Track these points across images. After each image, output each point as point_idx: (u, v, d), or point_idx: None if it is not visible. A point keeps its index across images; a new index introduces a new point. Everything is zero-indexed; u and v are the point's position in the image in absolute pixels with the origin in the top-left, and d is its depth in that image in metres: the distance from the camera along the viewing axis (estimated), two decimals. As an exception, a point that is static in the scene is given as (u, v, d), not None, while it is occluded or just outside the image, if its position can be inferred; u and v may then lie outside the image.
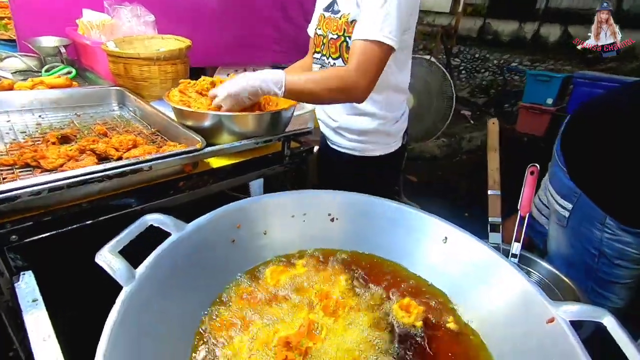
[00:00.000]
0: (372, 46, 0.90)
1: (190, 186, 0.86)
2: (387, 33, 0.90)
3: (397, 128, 1.18)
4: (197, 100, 0.98)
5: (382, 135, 1.16)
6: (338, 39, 1.05)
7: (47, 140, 0.91)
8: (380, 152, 1.18)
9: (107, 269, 0.62)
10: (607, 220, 1.03)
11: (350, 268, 0.91)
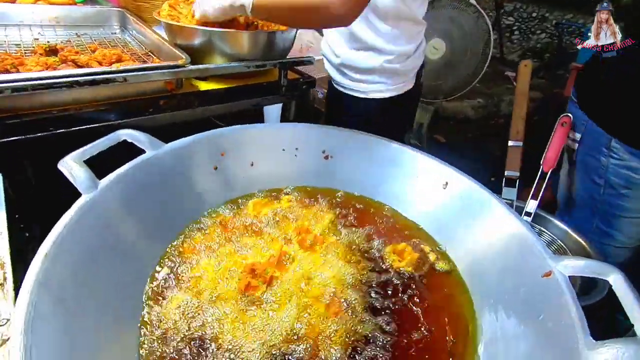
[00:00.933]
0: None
1: (172, 106, 0.81)
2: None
3: (407, 66, 1.03)
4: (187, 17, 0.90)
5: (389, 75, 1.01)
6: None
7: (35, 52, 0.88)
8: (388, 94, 1.04)
9: (68, 175, 0.59)
10: (613, 144, 0.97)
11: (339, 207, 0.85)
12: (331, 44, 1.04)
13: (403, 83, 1.05)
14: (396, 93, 1.05)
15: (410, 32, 1.00)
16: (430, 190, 0.84)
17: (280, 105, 1.12)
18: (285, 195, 0.87)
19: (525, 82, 1.14)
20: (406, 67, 1.03)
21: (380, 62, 0.99)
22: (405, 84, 1.06)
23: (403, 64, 1.01)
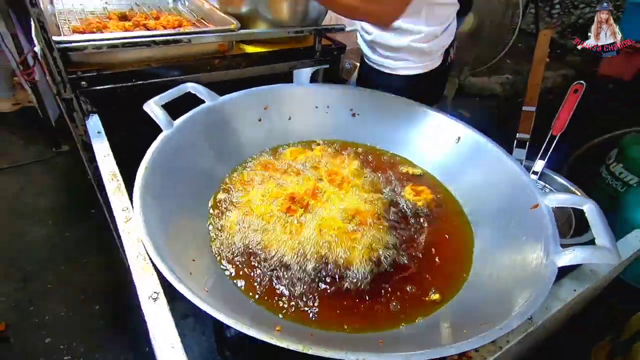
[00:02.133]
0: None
1: (225, 65, 0.95)
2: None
3: (434, 45, 1.05)
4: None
5: (415, 54, 1.05)
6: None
7: (109, 17, 1.04)
8: (414, 72, 1.08)
9: (152, 115, 0.76)
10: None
11: (364, 158, 0.99)
12: (362, 22, 1.11)
13: (431, 61, 1.09)
14: (422, 71, 1.09)
15: (439, 14, 1.02)
16: (444, 143, 0.96)
17: (309, 69, 1.23)
18: (318, 145, 1.02)
19: (543, 50, 1.20)
20: (433, 47, 1.05)
21: (407, 42, 1.03)
22: (433, 62, 1.09)
23: (429, 44, 1.04)
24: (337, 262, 0.67)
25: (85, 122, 0.80)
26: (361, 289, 0.64)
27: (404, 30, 1.02)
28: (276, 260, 0.68)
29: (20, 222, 1.64)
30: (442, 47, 1.09)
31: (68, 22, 1.02)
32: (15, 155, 2.03)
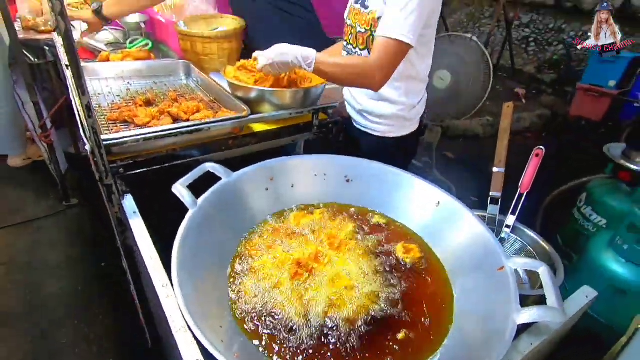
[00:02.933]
0: (391, 43, 1.01)
1: (237, 144, 1.12)
2: (405, 32, 1.00)
3: (414, 113, 1.30)
4: (246, 76, 1.22)
5: (400, 120, 1.28)
6: (366, 33, 1.16)
7: (136, 102, 1.21)
8: (398, 134, 1.31)
9: (179, 196, 0.91)
10: None
11: (358, 219, 1.14)
12: (353, 93, 1.33)
13: (410, 126, 1.33)
14: (404, 133, 1.32)
15: (416, 89, 1.27)
16: (426, 207, 1.11)
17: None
18: (317, 209, 1.16)
19: (507, 121, 1.40)
20: (412, 114, 1.30)
21: (393, 111, 1.26)
22: (412, 126, 1.33)
23: (409, 113, 1.29)
24: (339, 320, 0.80)
25: (121, 202, 0.94)
26: (358, 344, 0.76)
27: (390, 102, 1.25)
28: (287, 320, 0.80)
29: (35, 277, 1.73)
30: (419, 114, 1.33)
31: (101, 109, 1.19)
32: (27, 210, 2.15)
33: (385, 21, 1.04)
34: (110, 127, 1.08)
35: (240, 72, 1.22)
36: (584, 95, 3.62)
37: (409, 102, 1.26)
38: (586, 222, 1.90)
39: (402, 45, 1.02)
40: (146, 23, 1.85)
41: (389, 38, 1.02)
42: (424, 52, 1.20)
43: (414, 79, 1.24)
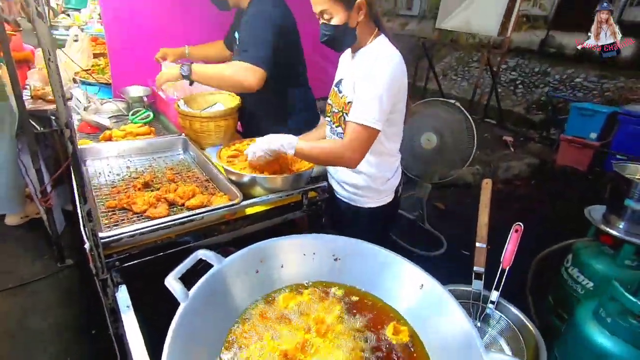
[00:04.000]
0: (359, 128, 1.11)
1: (230, 229, 1.18)
2: (371, 118, 1.10)
3: (388, 185, 1.37)
4: (240, 159, 1.30)
5: (373, 191, 1.35)
6: (339, 113, 1.29)
7: (135, 186, 1.28)
8: (372, 205, 1.38)
9: (171, 290, 0.94)
10: None
11: (345, 300, 1.17)
12: (335, 167, 1.43)
13: (385, 197, 1.40)
14: (380, 204, 1.39)
15: (388, 163, 1.36)
16: (410, 288, 1.15)
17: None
18: (306, 289, 1.20)
19: (487, 196, 1.47)
20: (386, 187, 1.37)
21: (367, 183, 1.34)
22: (387, 197, 1.40)
23: (383, 185, 1.36)
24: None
25: (115, 293, 0.98)
26: None
27: (364, 174, 1.33)
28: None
29: (23, 345, 1.71)
30: (393, 186, 1.40)
31: (101, 192, 1.26)
32: (22, 271, 2.15)
33: (355, 106, 1.14)
34: (109, 214, 1.14)
35: (235, 157, 1.30)
36: (568, 145, 3.77)
37: (381, 174, 1.34)
38: (574, 284, 1.93)
39: (369, 129, 1.11)
40: (148, 96, 1.97)
41: (357, 123, 1.11)
42: (393, 132, 1.29)
43: (385, 154, 1.32)
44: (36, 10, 0.65)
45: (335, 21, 1.13)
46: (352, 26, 1.14)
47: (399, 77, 1.14)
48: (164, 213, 1.12)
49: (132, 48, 2.03)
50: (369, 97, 1.10)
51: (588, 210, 1.93)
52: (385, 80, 1.10)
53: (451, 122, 2.35)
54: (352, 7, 1.11)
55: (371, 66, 1.13)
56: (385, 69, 1.11)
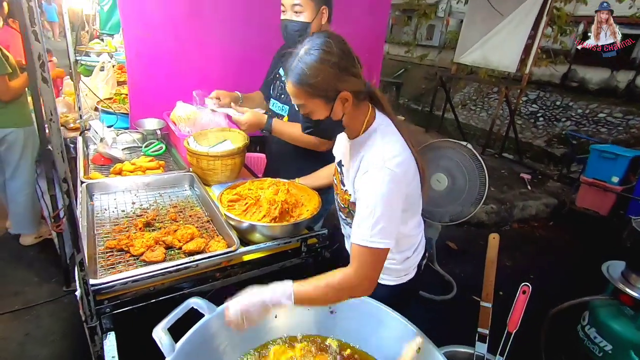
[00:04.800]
0: (366, 251, 0.93)
1: (224, 276, 1.16)
2: (377, 238, 0.92)
3: (408, 263, 1.22)
4: (241, 203, 1.30)
5: (392, 271, 1.21)
6: (345, 209, 1.16)
7: (136, 225, 1.29)
8: (393, 283, 1.23)
9: (158, 342, 0.93)
10: None
11: (338, 356, 1.12)
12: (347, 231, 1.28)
13: (406, 275, 1.24)
14: (399, 282, 1.23)
15: (406, 243, 1.20)
16: (407, 351, 1.09)
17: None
18: (299, 343, 1.16)
19: (494, 252, 1.41)
20: (406, 265, 1.22)
21: (385, 264, 1.12)
22: (407, 275, 1.24)
23: (402, 264, 1.21)
24: None
25: (103, 341, 0.97)
26: None
27: None
28: None
29: (20, 374, 1.72)
30: (414, 263, 1.24)
31: (103, 227, 1.28)
32: (28, 293, 2.19)
33: (356, 225, 0.96)
34: (107, 255, 1.15)
35: (235, 201, 1.30)
36: (588, 188, 3.64)
37: (401, 256, 1.20)
38: (591, 344, 1.80)
39: (377, 250, 0.94)
40: (162, 128, 2.03)
41: (363, 247, 0.94)
42: (411, 214, 1.13)
43: (403, 236, 1.16)
44: (42, 76, 0.68)
45: (317, 116, 0.97)
46: (337, 119, 0.98)
47: (400, 183, 0.96)
48: (160, 257, 1.12)
49: (151, 82, 2.12)
50: (370, 214, 0.93)
51: (606, 266, 1.82)
52: (385, 195, 0.93)
53: (463, 164, 2.31)
54: (334, 100, 0.94)
55: (367, 179, 0.96)
56: (382, 182, 0.93)
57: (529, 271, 3.01)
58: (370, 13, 2.68)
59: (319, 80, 0.90)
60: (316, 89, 0.92)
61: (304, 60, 0.91)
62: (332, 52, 0.91)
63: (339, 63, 0.91)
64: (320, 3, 1.43)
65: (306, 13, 1.42)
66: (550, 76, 11.64)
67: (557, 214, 4.04)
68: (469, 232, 3.57)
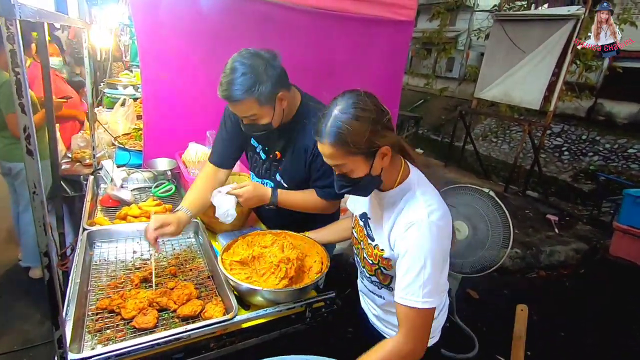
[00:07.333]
0: (414, 314, 0.91)
1: (220, 345, 1.06)
2: (429, 298, 0.90)
3: (434, 325, 1.09)
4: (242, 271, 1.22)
5: None
6: (374, 266, 1.09)
7: (132, 280, 1.22)
8: None
9: None
10: None
11: None
12: (367, 295, 1.23)
13: (432, 338, 1.15)
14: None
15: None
16: None
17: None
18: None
19: (522, 326, 1.27)
20: (433, 326, 1.08)
21: None
22: (433, 338, 1.16)
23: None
24: None
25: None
26: None
27: None
28: None
29: None
30: (439, 325, 1.17)
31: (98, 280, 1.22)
32: (29, 331, 2.14)
33: (402, 285, 0.94)
34: (97, 317, 1.08)
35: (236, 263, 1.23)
36: (623, 235, 3.38)
37: None
38: None
39: (426, 311, 0.92)
40: (173, 169, 2.01)
41: (411, 308, 0.91)
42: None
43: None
44: (26, 148, 0.64)
45: (356, 174, 0.95)
46: (376, 174, 0.96)
47: (446, 236, 0.96)
48: (151, 323, 1.04)
49: (165, 122, 2.13)
50: (419, 273, 0.91)
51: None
52: (434, 250, 0.92)
53: (484, 212, 2.17)
54: (374, 155, 0.93)
55: (412, 235, 0.93)
56: (430, 237, 0.92)
57: (559, 328, 2.75)
58: (389, 48, 2.66)
59: (360, 137, 0.89)
60: (357, 147, 0.90)
61: (341, 119, 0.89)
62: (368, 108, 0.90)
63: (376, 118, 0.90)
64: (272, 98, 1.22)
65: (264, 117, 1.25)
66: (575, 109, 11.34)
67: (588, 261, 3.76)
68: (491, 279, 3.34)
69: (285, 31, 2.21)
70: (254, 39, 2.11)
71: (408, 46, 2.87)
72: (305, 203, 1.43)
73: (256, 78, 1.16)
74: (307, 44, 2.33)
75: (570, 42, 4.28)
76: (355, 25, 2.45)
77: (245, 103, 1.19)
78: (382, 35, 2.57)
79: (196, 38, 2.05)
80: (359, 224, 1.16)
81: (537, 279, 3.49)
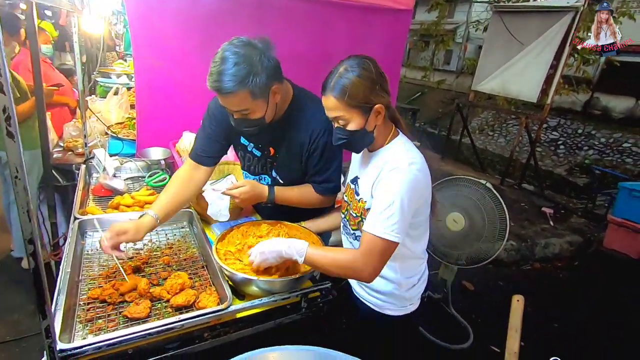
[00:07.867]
0: (376, 241, 1.01)
1: (213, 336, 1.05)
2: (390, 231, 1.00)
3: (413, 292, 1.23)
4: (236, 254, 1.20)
5: (397, 298, 1.21)
6: (357, 218, 1.18)
7: (125, 270, 1.20)
8: (397, 312, 1.23)
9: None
10: None
11: None
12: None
13: (410, 305, 1.25)
14: (404, 312, 1.24)
15: (412, 266, 1.23)
16: None
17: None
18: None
19: (517, 317, 1.26)
20: (411, 293, 1.23)
21: (389, 289, 1.21)
22: (412, 305, 1.25)
23: (408, 291, 1.23)
24: None
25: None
26: None
27: (386, 279, 1.19)
28: None
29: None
30: (419, 292, 1.27)
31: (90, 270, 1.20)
32: (22, 322, 2.12)
33: (371, 216, 1.04)
34: (88, 306, 1.06)
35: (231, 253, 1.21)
36: (617, 228, 3.40)
37: (406, 280, 1.21)
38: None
39: (387, 242, 1.01)
40: (167, 158, 1.97)
41: (374, 235, 1.01)
42: (418, 233, 1.18)
43: (410, 258, 1.21)
44: (6, 130, 0.61)
45: (352, 127, 1.05)
46: (370, 130, 1.07)
47: (420, 187, 1.05)
48: (143, 313, 1.02)
49: (159, 111, 2.09)
50: (387, 207, 1.01)
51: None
52: (405, 192, 1.01)
53: (481, 204, 2.16)
54: (370, 111, 1.04)
55: (390, 176, 1.04)
56: (404, 180, 1.01)
57: (553, 319, 2.77)
58: (388, 37, 2.63)
59: (359, 92, 1.01)
60: (356, 101, 1.01)
61: (346, 76, 1.01)
62: (369, 69, 1.02)
63: (375, 79, 1.03)
64: (266, 91, 1.17)
65: (256, 112, 1.20)
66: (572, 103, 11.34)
67: (582, 253, 3.79)
68: (487, 271, 3.35)
69: (283, 17, 2.17)
70: (251, 25, 2.07)
71: (406, 36, 2.83)
72: (303, 199, 1.42)
73: (250, 69, 1.09)
74: (305, 30, 2.29)
75: (569, 34, 4.26)
76: (354, 13, 2.41)
77: (238, 95, 1.12)
78: (381, 23, 2.53)
79: (191, 24, 2.01)
80: (350, 188, 1.24)
81: (531, 271, 3.51)
